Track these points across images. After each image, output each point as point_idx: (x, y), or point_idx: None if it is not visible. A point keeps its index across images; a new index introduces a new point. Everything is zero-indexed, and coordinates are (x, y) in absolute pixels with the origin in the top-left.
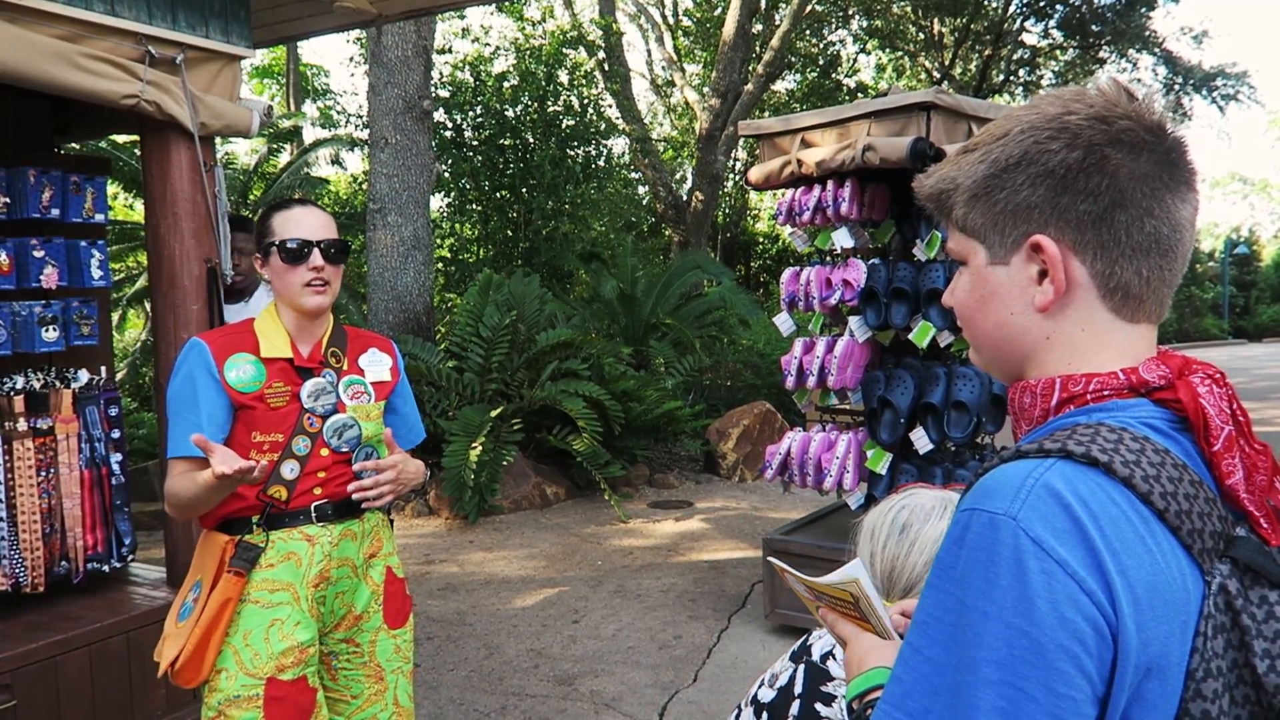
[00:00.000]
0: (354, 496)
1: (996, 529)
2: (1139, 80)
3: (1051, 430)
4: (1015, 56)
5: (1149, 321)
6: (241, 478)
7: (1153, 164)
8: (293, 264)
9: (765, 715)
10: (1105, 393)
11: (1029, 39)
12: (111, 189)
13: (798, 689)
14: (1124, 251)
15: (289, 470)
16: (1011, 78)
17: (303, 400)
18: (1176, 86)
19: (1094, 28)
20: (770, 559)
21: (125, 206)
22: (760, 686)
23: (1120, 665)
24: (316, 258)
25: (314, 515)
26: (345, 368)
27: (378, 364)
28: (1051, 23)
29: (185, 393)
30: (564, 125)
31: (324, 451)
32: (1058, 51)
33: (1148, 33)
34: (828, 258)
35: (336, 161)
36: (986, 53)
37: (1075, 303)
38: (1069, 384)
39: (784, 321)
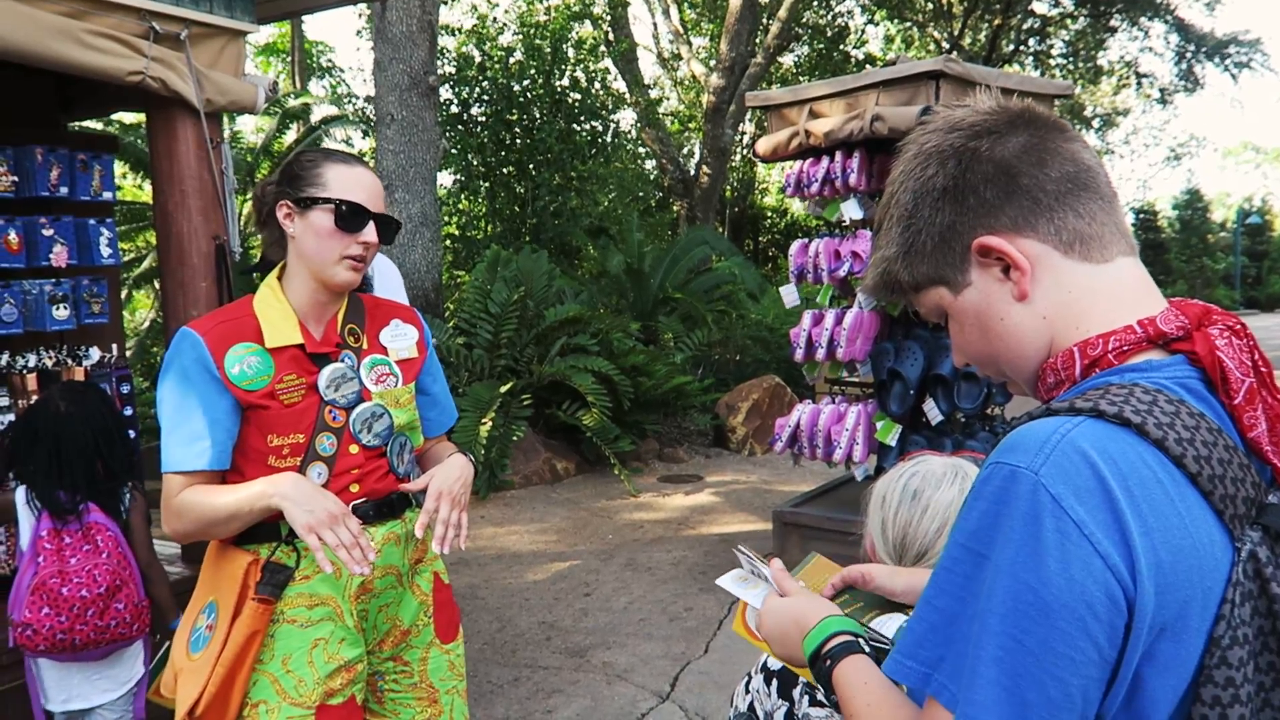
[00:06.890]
0: (438, 550)
1: (1016, 482)
2: (1150, 49)
3: (1084, 390)
4: (1025, 26)
5: (1122, 254)
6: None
7: (1016, 132)
8: (345, 231)
9: (775, 682)
10: (1125, 349)
11: (1039, 8)
12: (119, 169)
13: None
14: (1051, 204)
15: (316, 475)
16: (1021, 47)
17: (321, 391)
18: (1189, 54)
19: None
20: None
21: (135, 187)
22: (770, 655)
23: (1135, 627)
24: (371, 232)
25: None
26: (366, 347)
27: (402, 338)
28: None
29: (179, 396)
30: (570, 100)
31: (353, 449)
32: (1068, 20)
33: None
34: (836, 229)
35: (345, 141)
36: (996, 22)
37: (1046, 273)
38: (1087, 349)
39: (789, 292)
